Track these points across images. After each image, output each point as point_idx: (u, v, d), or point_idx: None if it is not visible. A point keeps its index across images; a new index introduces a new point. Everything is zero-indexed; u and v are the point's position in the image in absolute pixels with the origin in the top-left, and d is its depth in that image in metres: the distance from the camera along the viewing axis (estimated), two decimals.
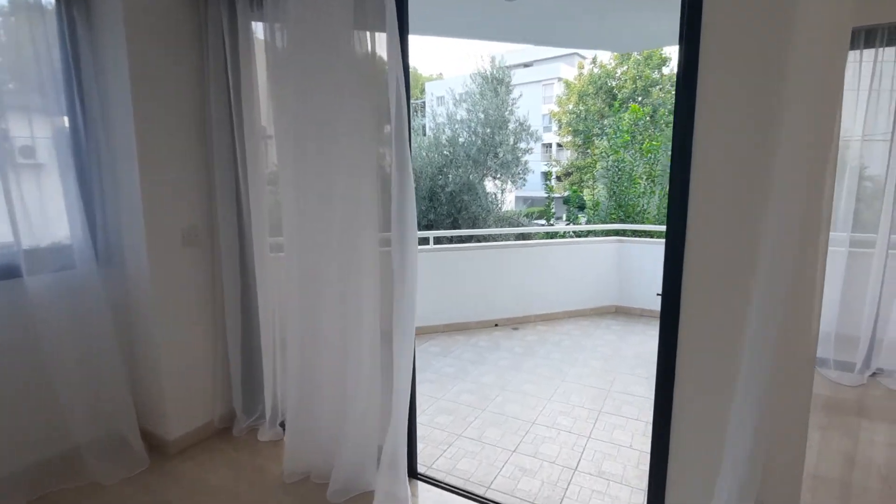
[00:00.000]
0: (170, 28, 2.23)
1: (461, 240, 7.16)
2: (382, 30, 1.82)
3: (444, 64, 66.12)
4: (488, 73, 7.57)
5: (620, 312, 5.32)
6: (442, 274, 4.70)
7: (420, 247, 5.03)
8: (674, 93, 1.50)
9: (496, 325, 4.92)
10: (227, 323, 2.52)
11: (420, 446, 2.49)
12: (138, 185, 2.16)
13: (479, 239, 6.70)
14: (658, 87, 22.65)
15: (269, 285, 2.38)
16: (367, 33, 1.90)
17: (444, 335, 4.61)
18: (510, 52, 7.94)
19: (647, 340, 4.42)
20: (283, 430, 2.44)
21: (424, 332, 4.66)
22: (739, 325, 1.46)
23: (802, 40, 1.26)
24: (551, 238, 6.26)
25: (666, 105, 17.77)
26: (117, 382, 2.25)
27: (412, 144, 1.91)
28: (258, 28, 2.25)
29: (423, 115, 9.10)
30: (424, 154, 7.34)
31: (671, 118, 15.59)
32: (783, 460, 1.46)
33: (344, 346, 2.04)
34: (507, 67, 7.59)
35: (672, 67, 23.38)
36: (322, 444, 2.16)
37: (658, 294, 1.62)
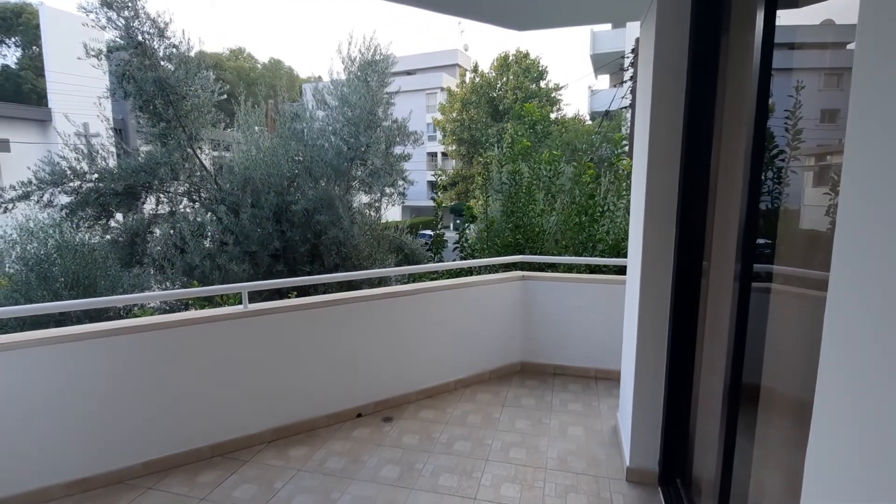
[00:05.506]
0: None
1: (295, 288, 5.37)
2: None
3: (325, 66, 62.95)
4: (357, 57, 5.84)
5: (527, 371, 4.05)
6: (270, 347, 2.95)
7: (225, 310, 2.81)
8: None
9: (359, 415, 3.30)
10: None
11: None
12: None
13: (327, 287, 4.94)
14: (536, 98, 23.06)
15: None
16: None
17: (270, 451, 2.86)
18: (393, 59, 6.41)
19: (571, 422, 3.16)
20: None
21: (238, 448, 2.85)
22: None
23: None
24: (456, 277, 4.72)
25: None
26: None
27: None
28: None
29: (300, 119, 7.20)
30: (268, 160, 5.44)
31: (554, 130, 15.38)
32: None
33: None
34: (384, 53, 5.91)
35: (549, 80, 24.06)
36: None
37: None
